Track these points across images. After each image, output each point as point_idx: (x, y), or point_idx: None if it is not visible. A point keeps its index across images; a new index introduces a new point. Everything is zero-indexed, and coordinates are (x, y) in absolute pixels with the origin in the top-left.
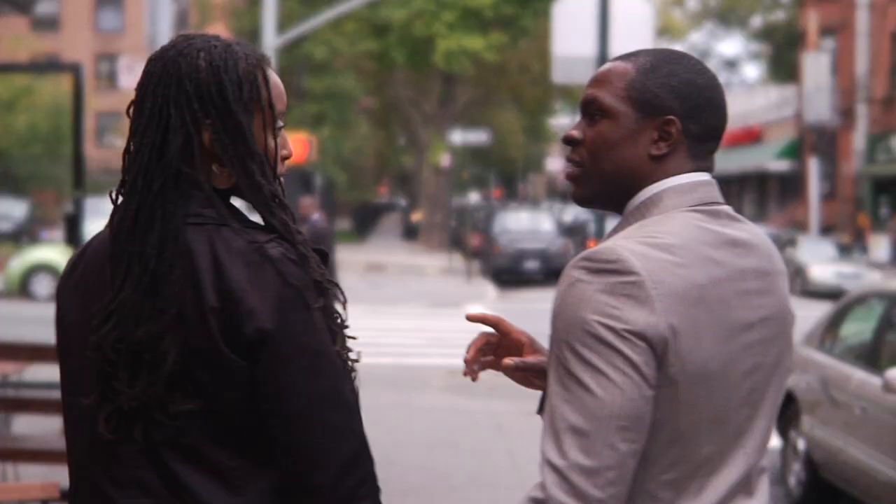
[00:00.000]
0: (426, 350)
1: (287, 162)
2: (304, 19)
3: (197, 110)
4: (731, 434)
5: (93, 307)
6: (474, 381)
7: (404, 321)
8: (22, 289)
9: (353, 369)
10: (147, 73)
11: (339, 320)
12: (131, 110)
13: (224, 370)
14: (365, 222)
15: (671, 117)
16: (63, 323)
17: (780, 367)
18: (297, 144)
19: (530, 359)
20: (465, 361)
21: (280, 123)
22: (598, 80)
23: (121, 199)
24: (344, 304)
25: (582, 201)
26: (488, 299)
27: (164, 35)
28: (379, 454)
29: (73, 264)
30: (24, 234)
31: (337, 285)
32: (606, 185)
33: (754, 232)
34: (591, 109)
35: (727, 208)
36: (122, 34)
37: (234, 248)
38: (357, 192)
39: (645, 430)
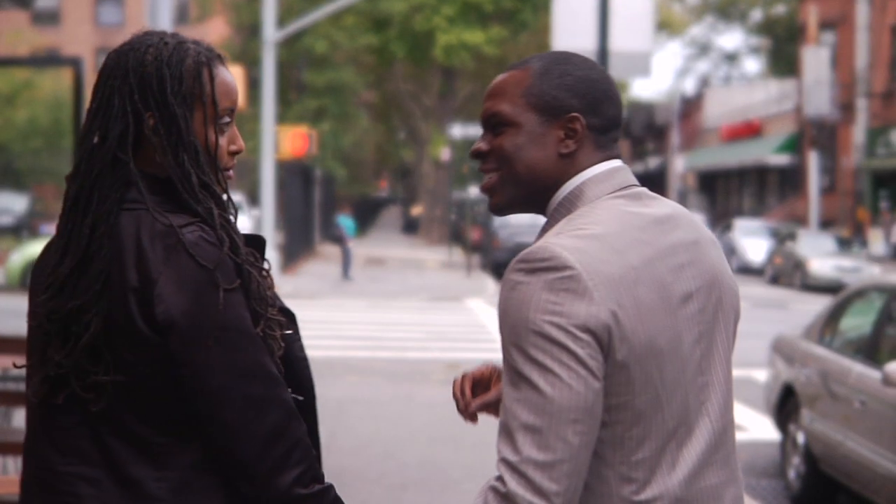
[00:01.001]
0: (426, 344)
1: (287, 156)
2: (304, 13)
3: (137, 101)
4: (693, 404)
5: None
6: (475, 424)
7: (404, 315)
8: (22, 282)
9: (280, 347)
10: (103, 65)
11: (266, 301)
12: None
13: (143, 347)
14: (365, 216)
15: (574, 114)
16: (30, 298)
17: (725, 332)
18: (297, 139)
19: (489, 396)
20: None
21: (226, 119)
22: (494, 93)
23: (70, 181)
24: (270, 287)
25: (501, 209)
26: (488, 293)
27: (165, 28)
28: (379, 448)
29: (47, 246)
30: (25, 228)
31: (262, 269)
32: (523, 190)
33: (674, 206)
34: (492, 122)
35: (644, 189)
36: (122, 28)
37: (156, 232)
38: (357, 187)
39: (596, 421)
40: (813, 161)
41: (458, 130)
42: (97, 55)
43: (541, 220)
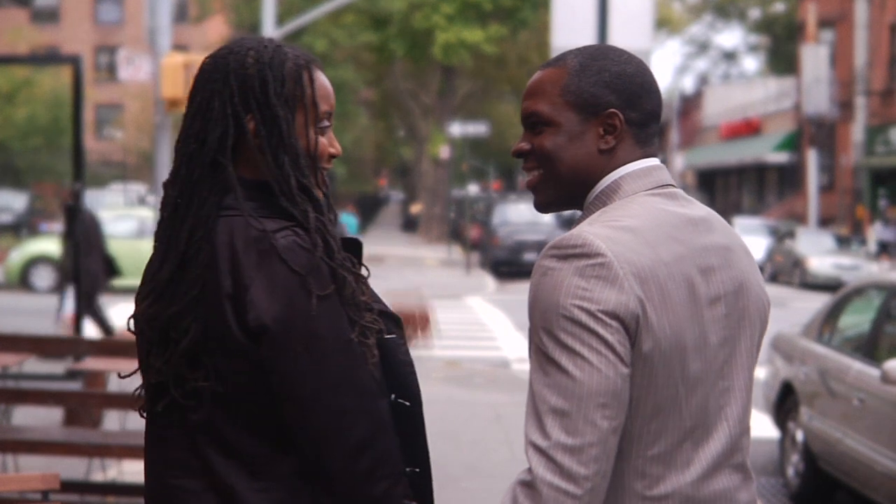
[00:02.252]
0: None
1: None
2: (303, 12)
3: (238, 104)
4: (712, 407)
5: None
6: None
7: None
8: (22, 281)
9: (373, 355)
10: (199, 70)
11: (360, 307)
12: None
13: (239, 354)
14: (364, 214)
15: (613, 110)
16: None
17: (750, 340)
18: None
19: None
20: None
21: (325, 123)
22: (533, 92)
23: (169, 187)
24: (366, 291)
25: (545, 207)
26: (487, 291)
27: (164, 27)
28: None
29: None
30: (24, 226)
31: (358, 274)
32: (565, 187)
33: (709, 211)
34: (532, 121)
35: (680, 191)
36: (121, 26)
37: (249, 238)
38: (356, 184)
39: (623, 406)
40: (812, 159)
41: (457, 128)
42: (96, 53)
43: (541, 218)
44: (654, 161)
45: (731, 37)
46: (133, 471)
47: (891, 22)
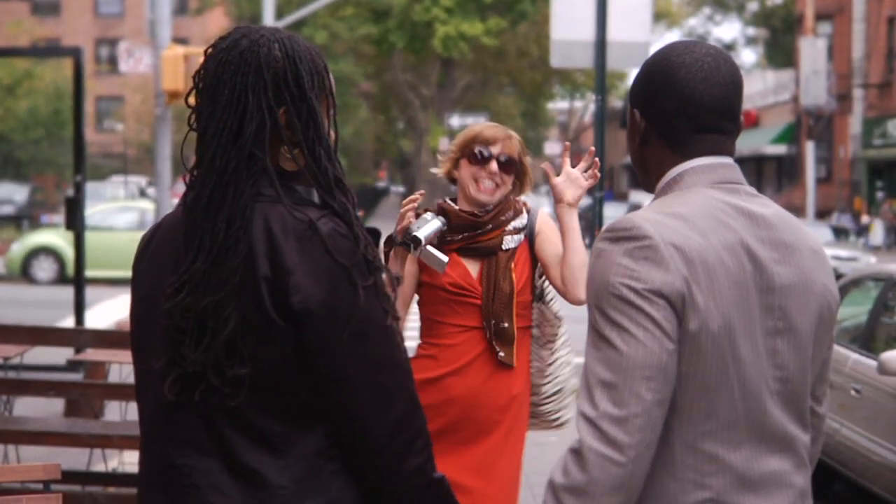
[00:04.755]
0: None
1: None
2: (303, 4)
3: (271, 97)
4: (766, 393)
5: (165, 279)
6: None
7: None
8: (23, 272)
9: (401, 339)
10: (221, 63)
11: (388, 298)
12: (192, 97)
13: (272, 336)
14: (363, 206)
15: (633, 110)
16: (137, 295)
17: (811, 336)
18: None
19: None
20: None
21: (333, 112)
22: None
23: (195, 178)
24: (393, 285)
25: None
26: None
27: (165, 19)
28: None
29: (147, 241)
30: (25, 218)
31: (387, 267)
32: (640, 176)
33: (779, 210)
34: None
35: (747, 188)
36: (122, 19)
37: (288, 224)
38: (356, 177)
39: (669, 380)
40: (810, 151)
41: (457, 120)
42: (97, 45)
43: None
44: (723, 159)
45: (729, 29)
46: (134, 461)
47: (888, 15)
